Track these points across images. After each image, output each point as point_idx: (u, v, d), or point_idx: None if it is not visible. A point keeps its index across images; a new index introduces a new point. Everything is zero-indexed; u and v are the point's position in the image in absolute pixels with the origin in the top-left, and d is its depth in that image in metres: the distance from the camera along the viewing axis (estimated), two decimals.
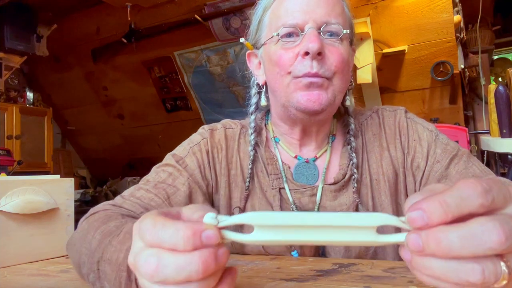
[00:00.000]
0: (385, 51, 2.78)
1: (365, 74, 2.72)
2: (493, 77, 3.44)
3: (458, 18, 2.53)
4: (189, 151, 0.77)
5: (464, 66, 2.81)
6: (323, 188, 0.73)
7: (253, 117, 0.79)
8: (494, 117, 1.83)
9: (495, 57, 3.58)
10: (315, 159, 0.76)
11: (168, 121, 4.11)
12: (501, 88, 1.74)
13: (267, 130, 0.82)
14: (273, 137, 0.80)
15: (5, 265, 0.73)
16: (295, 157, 0.77)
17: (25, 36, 3.34)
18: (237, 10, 2.91)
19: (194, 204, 0.39)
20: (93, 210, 0.65)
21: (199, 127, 0.83)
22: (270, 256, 0.69)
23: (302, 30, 0.67)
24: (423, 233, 0.30)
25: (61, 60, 4.07)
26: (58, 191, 0.82)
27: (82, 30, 3.68)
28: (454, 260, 0.29)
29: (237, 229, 0.75)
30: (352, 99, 0.78)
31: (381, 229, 0.33)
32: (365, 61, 2.71)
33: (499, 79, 3.44)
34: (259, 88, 0.79)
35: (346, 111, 0.79)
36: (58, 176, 0.86)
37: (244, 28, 0.81)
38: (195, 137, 0.80)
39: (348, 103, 0.77)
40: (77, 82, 4.19)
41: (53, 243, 0.80)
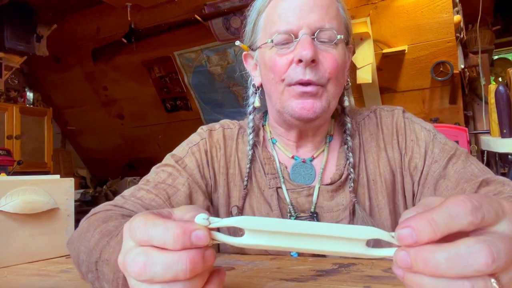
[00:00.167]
0: (385, 51, 2.78)
1: (365, 74, 2.72)
2: (493, 77, 3.44)
3: (458, 18, 2.53)
4: (188, 151, 0.77)
5: (464, 66, 2.81)
6: (319, 188, 0.73)
7: (251, 117, 0.79)
8: (494, 117, 1.83)
9: (495, 57, 3.58)
10: (312, 159, 0.76)
11: (168, 121, 4.11)
12: (501, 88, 1.74)
13: (264, 131, 0.82)
14: (270, 138, 0.80)
15: (5, 265, 0.73)
16: (292, 157, 0.77)
17: (25, 36, 3.34)
18: (237, 10, 2.91)
19: (187, 205, 0.39)
20: (94, 210, 0.65)
21: (199, 127, 0.83)
22: (270, 256, 0.69)
23: (296, 36, 0.66)
24: (411, 251, 0.30)
25: (61, 60, 4.07)
26: (58, 191, 0.82)
27: (82, 30, 3.68)
28: (443, 278, 0.29)
29: (236, 231, 0.75)
30: (351, 99, 0.78)
31: (376, 240, 0.33)
32: (365, 61, 2.71)
33: (499, 79, 3.44)
34: (256, 89, 0.79)
35: (343, 110, 0.79)
36: (58, 176, 0.86)
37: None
38: (194, 137, 0.81)
39: (346, 103, 0.77)
40: (77, 82, 4.19)
41: (53, 243, 0.80)
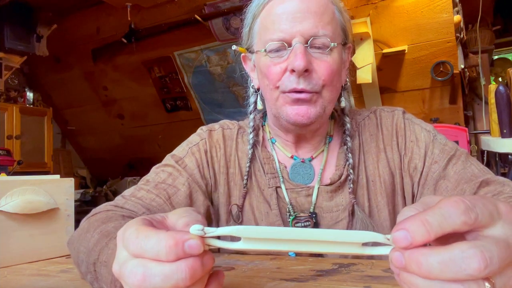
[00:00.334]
0: (385, 51, 2.78)
1: (365, 74, 2.72)
2: (493, 77, 3.44)
3: (458, 18, 2.53)
4: (188, 151, 0.78)
5: (464, 66, 2.81)
6: (319, 188, 0.73)
7: (252, 117, 0.80)
8: (494, 117, 1.83)
9: (495, 57, 3.58)
10: (311, 159, 0.77)
11: (168, 121, 4.11)
12: (501, 88, 1.74)
13: (264, 131, 0.82)
14: (270, 138, 0.80)
15: (5, 265, 0.73)
16: (291, 157, 0.77)
17: (25, 36, 3.34)
18: (237, 10, 2.91)
19: (182, 208, 0.38)
20: (95, 210, 0.65)
21: (199, 127, 0.84)
22: (270, 256, 0.69)
23: (289, 45, 0.66)
24: (406, 252, 0.30)
25: (61, 60, 4.07)
26: (58, 191, 0.82)
27: (82, 30, 3.68)
28: (437, 280, 0.29)
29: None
30: (351, 99, 0.78)
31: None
32: (365, 61, 2.71)
33: (499, 79, 3.44)
34: (255, 90, 0.79)
35: (342, 111, 0.79)
36: (58, 176, 0.85)
37: None
38: (194, 138, 0.81)
39: (343, 104, 0.77)
40: (77, 82, 4.19)
41: (53, 243, 0.80)
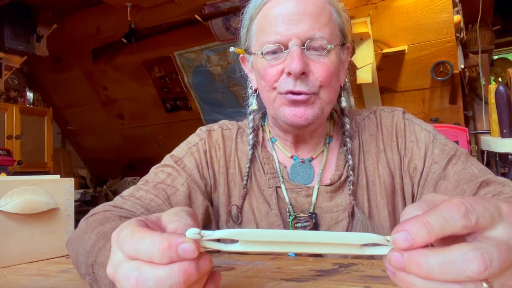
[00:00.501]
0: (385, 51, 2.78)
1: (365, 74, 2.72)
2: (493, 77, 3.44)
3: (458, 18, 2.53)
4: (187, 151, 0.78)
5: (464, 66, 2.81)
6: (319, 189, 0.73)
7: (251, 117, 0.80)
8: (494, 117, 1.83)
9: (495, 57, 3.58)
10: (310, 159, 0.77)
11: (168, 121, 4.11)
12: (501, 88, 1.74)
13: (263, 130, 0.82)
14: (270, 138, 0.80)
15: (5, 265, 0.73)
16: (291, 156, 0.77)
17: (25, 36, 3.34)
18: (237, 10, 2.91)
19: (176, 208, 0.38)
20: (93, 211, 0.65)
21: (199, 127, 0.84)
22: (270, 256, 0.69)
23: (286, 47, 0.66)
24: (405, 253, 0.30)
25: (61, 60, 4.07)
26: (58, 191, 0.82)
27: (82, 30, 3.68)
28: (435, 281, 0.29)
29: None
30: (351, 99, 0.78)
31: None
32: (365, 61, 2.71)
33: (499, 79, 3.44)
34: (253, 91, 0.79)
35: (342, 111, 0.79)
36: (58, 176, 0.85)
37: None
38: (193, 138, 0.81)
39: (343, 104, 0.77)
40: (77, 82, 4.19)
41: (53, 243, 0.80)
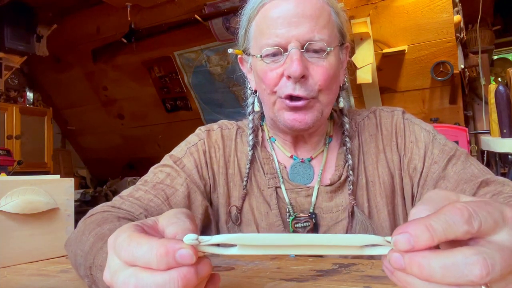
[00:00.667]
0: (385, 51, 2.78)
1: (365, 74, 2.72)
2: (493, 77, 3.44)
3: (458, 18, 2.53)
4: (186, 151, 0.77)
5: (464, 66, 2.81)
6: (319, 189, 0.73)
7: (251, 118, 0.79)
8: (494, 117, 1.83)
9: (495, 57, 3.58)
10: (310, 159, 0.77)
11: (168, 121, 4.11)
12: (501, 88, 1.74)
13: (262, 130, 0.82)
14: (269, 138, 0.80)
15: (5, 265, 0.73)
16: (291, 156, 0.77)
17: (25, 36, 3.34)
18: (237, 10, 2.90)
19: (173, 211, 0.37)
20: (91, 211, 0.65)
21: (199, 127, 0.83)
22: (270, 256, 0.69)
23: (285, 50, 0.66)
24: (406, 254, 0.30)
25: (61, 60, 4.07)
26: (58, 191, 0.82)
27: (82, 30, 3.68)
28: (435, 283, 0.29)
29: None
30: (351, 99, 0.78)
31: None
32: (365, 61, 2.71)
33: (499, 79, 3.44)
34: (252, 91, 0.79)
35: (341, 111, 0.79)
36: (58, 176, 0.85)
37: None
38: (192, 138, 0.80)
39: (342, 104, 0.77)
40: (77, 82, 4.19)
41: (53, 243, 0.80)
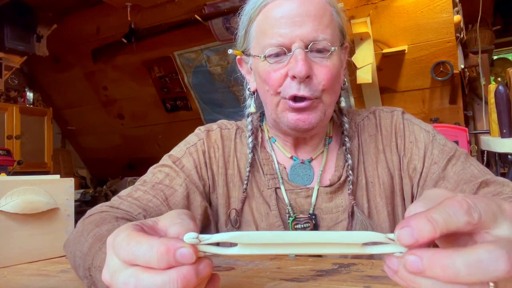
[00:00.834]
0: (385, 51, 2.78)
1: (365, 74, 2.72)
2: (493, 77, 3.44)
3: (458, 18, 2.53)
4: (186, 151, 0.77)
5: (464, 66, 2.81)
6: (318, 190, 0.73)
7: (249, 119, 0.79)
8: (494, 117, 1.83)
9: (495, 57, 3.58)
10: (310, 160, 0.77)
11: (168, 121, 4.11)
12: (501, 88, 1.74)
13: (262, 131, 0.82)
14: (269, 138, 0.80)
15: (5, 265, 0.73)
16: (291, 157, 0.77)
17: (25, 36, 3.34)
18: (237, 10, 2.90)
19: (173, 212, 0.37)
20: (89, 212, 0.64)
21: (198, 127, 0.83)
22: (270, 256, 0.69)
23: (289, 50, 0.65)
24: (424, 256, 0.28)
25: (61, 60, 4.07)
26: (58, 191, 0.82)
27: (82, 30, 3.68)
28: (449, 284, 0.28)
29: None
30: (351, 99, 0.78)
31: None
32: (365, 61, 2.71)
33: (499, 79, 3.44)
34: (251, 93, 0.79)
35: (341, 111, 0.79)
36: (58, 176, 0.85)
37: None
38: (191, 138, 0.80)
39: (342, 103, 0.77)
40: (77, 82, 4.19)
41: (53, 243, 0.80)
